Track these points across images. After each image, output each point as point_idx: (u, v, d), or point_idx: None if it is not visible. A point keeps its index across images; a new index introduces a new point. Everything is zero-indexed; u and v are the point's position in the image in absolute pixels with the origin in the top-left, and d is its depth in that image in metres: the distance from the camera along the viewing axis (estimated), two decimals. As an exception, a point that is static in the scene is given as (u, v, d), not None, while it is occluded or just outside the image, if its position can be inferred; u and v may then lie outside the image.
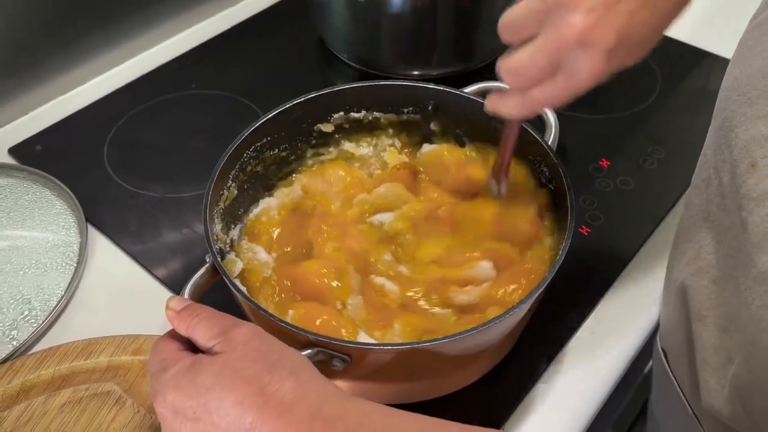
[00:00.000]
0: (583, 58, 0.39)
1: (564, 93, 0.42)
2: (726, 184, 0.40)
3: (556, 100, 0.42)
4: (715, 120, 0.43)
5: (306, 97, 0.59)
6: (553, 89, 0.41)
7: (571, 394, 0.54)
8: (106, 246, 0.65)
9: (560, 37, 0.39)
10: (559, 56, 0.40)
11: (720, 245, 0.43)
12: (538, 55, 0.41)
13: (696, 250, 0.47)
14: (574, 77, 0.40)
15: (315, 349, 0.43)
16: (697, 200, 0.47)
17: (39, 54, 0.79)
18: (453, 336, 0.43)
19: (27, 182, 0.70)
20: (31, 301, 0.60)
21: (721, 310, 0.43)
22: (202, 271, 0.47)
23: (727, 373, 0.42)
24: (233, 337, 0.38)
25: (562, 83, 0.41)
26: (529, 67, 0.41)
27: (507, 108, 0.45)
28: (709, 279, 0.45)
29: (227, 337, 0.38)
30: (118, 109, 0.80)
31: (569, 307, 0.59)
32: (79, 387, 0.52)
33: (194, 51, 0.89)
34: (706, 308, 0.45)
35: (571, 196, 0.51)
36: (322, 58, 0.88)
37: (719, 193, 0.42)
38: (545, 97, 0.42)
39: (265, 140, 0.58)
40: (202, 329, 0.40)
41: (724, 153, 0.40)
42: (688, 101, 0.79)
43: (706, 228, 0.45)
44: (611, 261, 0.62)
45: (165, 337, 0.41)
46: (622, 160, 0.72)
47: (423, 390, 0.50)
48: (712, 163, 0.43)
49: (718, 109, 0.43)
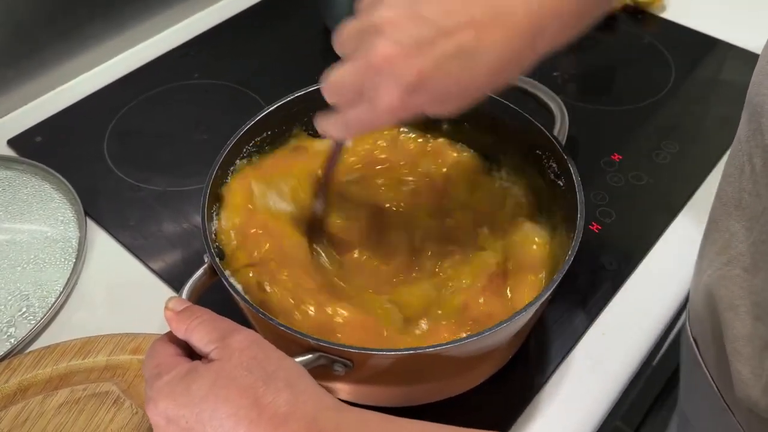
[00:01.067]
0: (381, 86, 0.37)
1: (367, 120, 0.40)
2: (759, 171, 0.40)
3: (362, 125, 0.40)
4: (748, 106, 0.42)
5: (306, 90, 0.57)
6: (357, 113, 0.40)
7: (580, 397, 0.52)
8: (106, 241, 0.64)
9: (366, 60, 0.37)
10: (364, 78, 0.38)
11: (751, 233, 0.42)
12: (347, 72, 0.39)
13: (726, 239, 0.47)
14: (373, 105, 0.38)
15: (316, 353, 0.42)
16: (729, 188, 0.46)
17: (39, 42, 0.77)
18: (458, 341, 0.41)
19: (26, 175, 0.69)
20: (29, 298, 0.59)
21: (753, 298, 0.43)
22: (200, 272, 0.46)
23: (764, 362, 0.41)
24: (230, 344, 0.37)
25: (365, 109, 0.39)
26: (340, 82, 0.40)
27: (327, 126, 0.43)
28: (740, 267, 0.44)
29: (225, 343, 0.37)
30: (119, 100, 0.78)
31: (578, 307, 0.57)
32: (76, 387, 0.51)
33: (197, 39, 0.87)
34: (738, 297, 0.45)
35: (581, 195, 0.49)
36: (327, 48, 0.85)
37: (752, 179, 0.41)
38: (353, 120, 0.40)
39: (266, 134, 0.56)
40: (201, 333, 0.39)
41: (757, 139, 0.40)
42: (702, 92, 0.77)
43: (737, 216, 0.44)
44: (622, 259, 0.60)
45: (161, 340, 0.40)
46: (634, 153, 0.70)
47: (427, 393, 0.49)
48: (745, 149, 0.42)
49: (750, 95, 0.42)
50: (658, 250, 0.62)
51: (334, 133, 0.43)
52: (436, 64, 0.36)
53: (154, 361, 0.38)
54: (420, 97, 0.37)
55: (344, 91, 0.40)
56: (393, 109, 0.38)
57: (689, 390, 0.62)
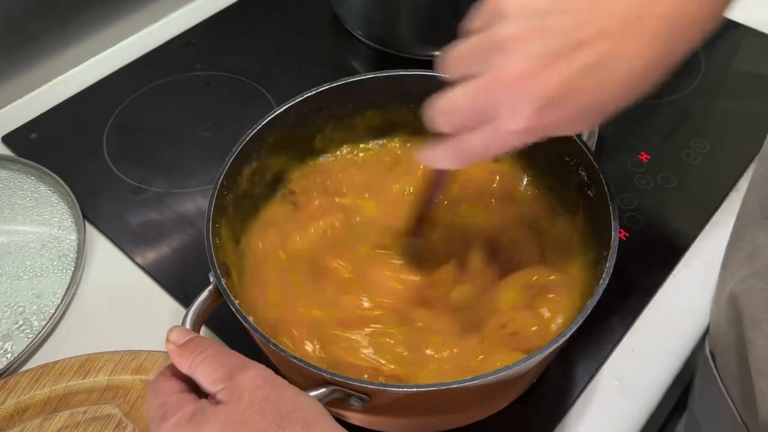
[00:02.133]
0: (511, 106, 0.34)
1: (492, 145, 0.36)
2: None
3: (483, 152, 0.37)
4: None
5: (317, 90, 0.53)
6: (478, 138, 0.36)
7: (608, 419, 0.50)
8: (106, 247, 0.61)
9: (493, 80, 0.34)
10: (490, 101, 0.34)
11: None
12: (468, 95, 0.35)
13: (751, 251, 0.44)
14: (500, 128, 0.35)
15: (330, 387, 0.39)
16: (754, 196, 0.43)
17: (32, 31, 0.73)
18: (484, 376, 0.38)
19: (21, 175, 0.65)
20: (25, 310, 0.56)
21: None
22: (205, 295, 0.42)
23: None
24: (239, 383, 0.35)
25: (489, 133, 0.35)
26: (458, 108, 0.36)
27: (436, 159, 0.39)
28: (765, 281, 0.42)
29: (233, 382, 0.35)
30: (117, 92, 0.75)
31: (605, 322, 0.54)
32: (76, 409, 0.49)
33: (199, 27, 0.83)
34: (763, 312, 0.43)
35: (615, 208, 0.46)
36: (335, 36, 0.81)
37: None
38: (472, 147, 0.36)
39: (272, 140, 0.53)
40: (206, 370, 0.36)
41: None
42: (735, 87, 0.73)
43: (764, 225, 0.42)
44: (652, 270, 0.57)
45: (164, 375, 0.37)
46: (663, 153, 0.66)
47: (447, 421, 0.46)
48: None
49: None
50: (688, 260, 0.58)
51: (445, 164, 0.39)
52: (571, 80, 0.33)
53: (158, 400, 0.36)
54: (552, 117, 0.34)
55: (461, 117, 0.36)
56: (522, 132, 0.34)
57: (702, 402, 0.59)
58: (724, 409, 0.51)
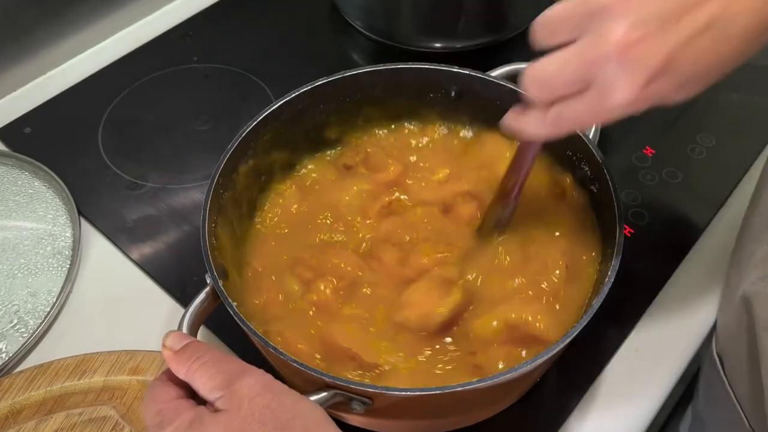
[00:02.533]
0: (617, 76, 0.32)
1: (591, 115, 0.35)
2: None
3: (582, 122, 0.35)
4: None
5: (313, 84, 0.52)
6: (579, 108, 0.34)
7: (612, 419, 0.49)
8: (101, 244, 0.60)
9: (597, 48, 0.32)
10: (593, 70, 0.33)
11: None
12: (570, 63, 0.33)
13: (765, 252, 0.43)
14: (605, 98, 0.33)
15: (331, 391, 0.38)
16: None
17: (26, 23, 0.72)
18: (488, 379, 0.38)
19: (15, 171, 0.64)
20: (20, 309, 0.55)
21: None
22: (201, 297, 0.41)
23: None
24: (238, 390, 0.34)
25: (590, 103, 0.34)
26: (558, 76, 0.34)
27: (526, 125, 0.37)
28: None
29: (232, 390, 0.34)
30: (113, 85, 0.73)
31: (608, 322, 0.53)
32: (72, 411, 0.48)
33: (196, 18, 0.81)
34: None
35: (620, 206, 0.45)
36: (334, 27, 0.80)
37: None
38: (570, 117, 0.35)
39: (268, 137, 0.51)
40: (204, 377, 0.35)
41: None
42: (740, 80, 0.71)
43: None
44: (656, 267, 0.56)
45: (161, 380, 0.37)
46: (668, 147, 0.65)
47: (450, 423, 0.45)
48: None
49: None
50: (693, 257, 0.57)
51: (536, 131, 0.37)
52: (685, 44, 0.31)
53: (155, 407, 0.35)
54: (663, 85, 0.32)
55: (560, 85, 0.34)
56: (628, 101, 0.33)
57: (708, 405, 0.58)
58: (731, 412, 0.50)
